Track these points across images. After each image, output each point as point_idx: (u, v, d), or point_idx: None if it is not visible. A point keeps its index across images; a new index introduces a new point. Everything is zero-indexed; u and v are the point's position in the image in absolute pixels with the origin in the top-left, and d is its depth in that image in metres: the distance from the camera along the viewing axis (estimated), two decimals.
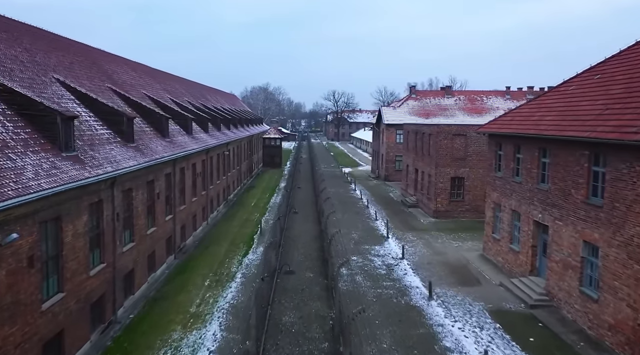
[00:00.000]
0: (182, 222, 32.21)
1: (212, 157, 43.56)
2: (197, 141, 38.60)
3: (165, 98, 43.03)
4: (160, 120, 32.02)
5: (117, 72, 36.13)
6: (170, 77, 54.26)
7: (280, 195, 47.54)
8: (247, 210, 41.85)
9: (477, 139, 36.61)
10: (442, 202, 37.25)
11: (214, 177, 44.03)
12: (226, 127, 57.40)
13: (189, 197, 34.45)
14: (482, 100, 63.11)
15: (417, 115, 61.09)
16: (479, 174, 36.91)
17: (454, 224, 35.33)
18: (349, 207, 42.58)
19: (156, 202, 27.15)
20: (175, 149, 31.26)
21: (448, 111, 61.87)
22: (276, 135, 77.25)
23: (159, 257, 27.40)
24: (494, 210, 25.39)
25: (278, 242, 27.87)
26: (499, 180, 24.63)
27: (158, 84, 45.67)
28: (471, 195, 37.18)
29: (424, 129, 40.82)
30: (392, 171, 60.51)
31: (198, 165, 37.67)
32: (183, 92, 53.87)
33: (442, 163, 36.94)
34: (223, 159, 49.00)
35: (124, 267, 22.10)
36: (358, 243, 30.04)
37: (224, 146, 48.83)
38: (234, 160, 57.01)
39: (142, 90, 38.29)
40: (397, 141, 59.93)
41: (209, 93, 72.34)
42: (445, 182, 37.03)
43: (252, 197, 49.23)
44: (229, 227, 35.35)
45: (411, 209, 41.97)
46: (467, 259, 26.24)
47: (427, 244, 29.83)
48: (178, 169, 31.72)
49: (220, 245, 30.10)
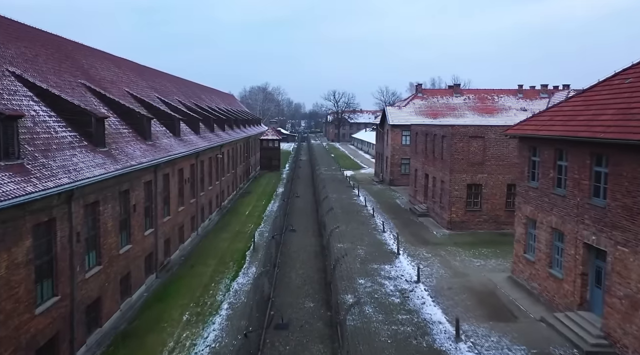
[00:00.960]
0: (165, 236, 28.50)
1: (203, 161, 39.84)
2: (185, 144, 34.90)
3: (151, 96, 39.33)
4: (141, 120, 28.29)
5: (95, 67, 32.41)
6: (160, 75, 50.50)
7: (278, 202, 43.86)
8: (241, 220, 38.06)
9: (496, 142, 32.86)
10: (457, 212, 33.48)
11: (206, 182, 40.33)
12: (220, 128, 53.74)
13: (175, 207, 30.75)
14: (493, 99, 59.37)
15: (424, 115, 57.35)
16: (498, 181, 33.16)
17: (471, 237, 31.56)
18: (352, 216, 38.83)
19: (132, 215, 23.42)
20: (157, 153, 27.55)
21: (457, 111, 58.13)
22: (274, 137, 73.46)
23: (136, 279, 23.68)
24: (526, 226, 21.64)
25: (273, 261, 24.18)
26: (533, 192, 20.90)
27: (145, 82, 41.95)
28: (489, 205, 33.41)
29: (435, 130, 37.09)
30: (397, 175, 56.74)
31: (186, 171, 33.96)
32: (174, 91, 50.16)
33: (458, 168, 33.19)
34: (216, 162, 45.27)
35: (87, 297, 18.37)
36: (365, 261, 26.27)
37: (217, 149, 45.10)
38: (229, 164, 53.32)
39: (125, 87, 34.57)
40: (403, 143, 56.19)
41: (203, 92, 68.60)
42: (461, 189, 33.28)
43: (247, 205, 45.45)
44: (220, 241, 31.56)
45: (421, 218, 38.19)
46: (494, 282, 22.47)
47: (444, 262, 26.06)
48: (161, 176, 28.01)
49: (207, 264, 26.29)
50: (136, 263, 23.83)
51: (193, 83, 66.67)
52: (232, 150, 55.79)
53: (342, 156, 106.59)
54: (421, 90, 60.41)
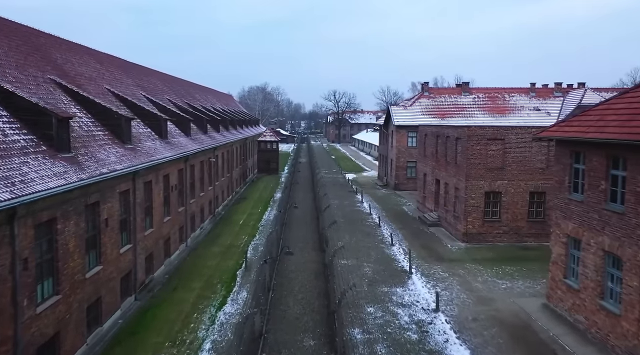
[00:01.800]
0: (147, 251, 25.21)
1: (194, 165, 36.56)
2: (172, 147, 31.61)
3: (137, 95, 36.05)
4: (119, 121, 24.99)
5: (71, 62, 29.10)
6: (150, 73, 47.16)
7: (275, 210, 40.57)
8: (234, 231, 34.66)
9: (517, 145, 29.52)
10: (473, 223, 30.12)
11: (197, 188, 37.05)
12: (215, 129, 50.51)
13: (159, 218, 27.47)
14: (504, 98, 56.02)
15: (432, 115, 54.02)
16: (519, 188, 29.79)
17: (491, 252, 28.19)
18: (356, 226, 35.46)
19: (103, 231, 20.11)
20: (137, 158, 24.25)
21: (466, 110, 54.80)
22: (272, 138, 70.04)
23: (109, 305, 20.38)
24: (566, 246, 18.29)
25: (267, 284, 20.84)
26: (576, 206, 17.57)
27: (131, 79, 38.64)
28: (510, 215, 30.03)
29: (448, 132, 33.73)
30: (403, 179, 53.37)
31: (173, 177, 30.66)
32: (164, 90, 46.85)
33: (474, 174, 29.84)
34: (209, 166, 41.98)
35: (38, 336, 15.07)
36: (373, 282, 22.89)
37: (210, 152, 41.81)
38: (224, 167, 50.03)
39: (106, 85, 31.25)
40: (409, 145, 52.84)
41: (198, 91, 65.29)
42: (478, 197, 29.92)
43: (241, 212, 42.05)
44: (209, 257, 28.15)
45: (432, 228, 34.81)
46: (527, 312, 19.10)
47: (464, 283, 22.68)
48: (141, 184, 24.72)
49: (191, 287, 22.81)
50: (109, 286, 20.54)
51: (187, 82, 63.37)
52: (228, 153, 52.51)
53: (343, 158, 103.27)
54: (427, 89, 57.07)
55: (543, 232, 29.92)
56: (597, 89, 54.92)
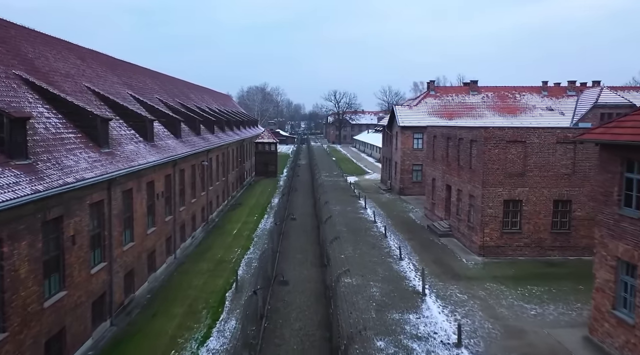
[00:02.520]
0: (126, 268, 22.34)
1: (184, 169, 33.69)
2: (159, 150, 28.75)
3: (122, 94, 33.17)
4: (94, 122, 22.09)
5: (45, 56, 26.18)
6: (140, 71, 44.20)
7: (272, 218, 37.57)
8: (226, 243, 31.65)
9: (540, 148, 26.59)
10: (491, 235, 27.17)
11: (187, 195, 34.20)
12: (209, 130, 47.68)
13: (142, 229, 24.62)
14: (515, 98, 53.07)
15: (438, 115, 51.10)
16: (542, 196, 26.84)
17: (512, 268, 25.21)
18: (361, 236, 32.49)
19: (68, 250, 17.22)
20: (114, 165, 21.36)
21: (475, 110, 51.86)
22: (270, 140, 67.04)
23: (76, 336, 17.50)
24: (615, 271, 15.38)
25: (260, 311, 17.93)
26: (630, 224, 14.68)
27: (117, 77, 35.74)
28: (531, 226, 27.07)
29: (461, 133, 30.77)
30: (408, 183, 50.41)
31: (159, 183, 27.80)
32: (155, 89, 43.96)
33: (492, 180, 26.90)
34: (202, 170, 39.13)
35: None
36: (382, 307, 19.90)
37: (203, 154, 38.97)
38: (219, 171, 47.19)
39: (86, 82, 28.34)
40: (414, 147, 49.89)
41: (193, 91, 62.40)
42: (496, 206, 26.97)
43: (235, 221, 39.06)
44: (196, 273, 25.15)
45: (443, 239, 31.83)
46: (568, 349, 16.09)
47: (487, 309, 19.71)
48: (119, 193, 21.82)
49: (172, 314, 19.64)
50: (76, 313, 17.66)
51: (182, 81, 60.47)
52: (223, 156, 49.65)
53: (344, 160, 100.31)
54: (434, 88, 54.13)
55: (568, 244, 26.99)
56: (613, 88, 52.01)
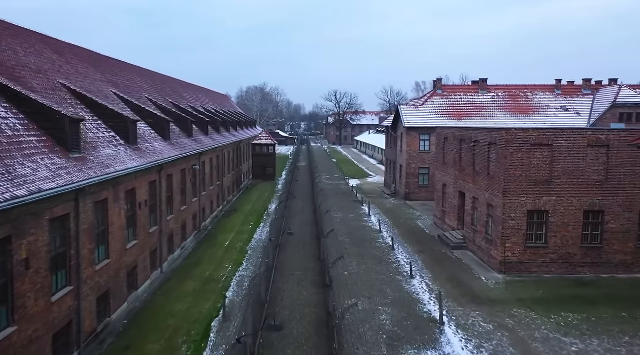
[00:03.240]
0: (100, 290, 19.48)
1: (172, 175, 30.85)
2: (143, 154, 25.91)
3: (105, 92, 30.31)
4: (62, 123, 19.22)
5: (14, 50, 23.32)
6: (127, 68, 41.30)
7: (268, 227, 34.65)
8: (217, 257, 28.59)
9: (569, 152, 23.66)
10: (513, 249, 24.23)
11: (176, 202, 31.37)
12: (203, 131, 44.87)
13: (119, 245, 21.76)
14: (527, 97, 50.12)
15: (446, 115, 48.14)
16: (571, 206, 23.88)
17: (539, 288, 22.10)
18: (365, 249, 29.49)
19: (19, 276, 14.37)
20: (84, 172, 18.49)
21: (485, 110, 48.87)
22: (268, 141, 64.04)
23: None
24: None
25: (251, 350, 14.97)
26: None
27: (100, 74, 32.85)
28: (559, 239, 24.11)
29: (477, 135, 27.80)
30: (414, 188, 47.44)
31: (141, 192, 24.97)
32: (144, 87, 41.11)
33: (514, 189, 23.95)
34: (193, 175, 36.27)
35: None
36: (394, 340, 16.83)
37: (194, 158, 36.10)
38: (213, 175, 44.34)
39: (62, 79, 25.47)
40: (421, 149, 46.92)
41: (188, 91, 59.56)
42: (519, 218, 24.00)
43: (229, 230, 36.04)
44: (180, 295, 22.00)
45: (457, 252, 28.83)
46: None
47: (518, 343, 16.58)
48: (90, 205, 18.95)
49: (145, 352, 16.74)
50: (30, 351, 14.81)
51: (175, 80, 57.60)
52: (218, 158, 46.80)
53: (345, 161, 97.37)
54: (441, 86, 51.13)
55: (600, 261, 24.04)
56: (633, 86, 49.10)
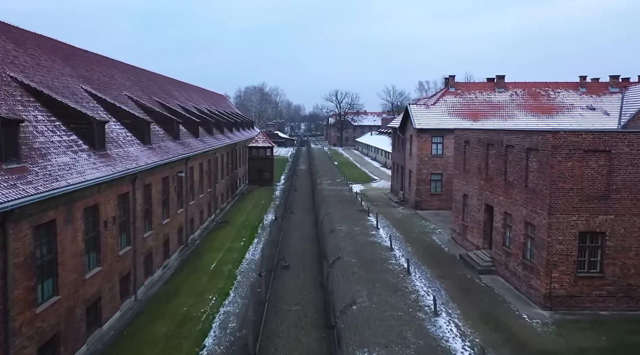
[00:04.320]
0: (40, 339, 15.16)
1: (151, 184, 26.55)
2: (111, 162, 21.54)
3: (72, 88, 25.96)
4: None
5: None
6: (107, 63, 36.80)
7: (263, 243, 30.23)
8: (200, 285, 23.70)
9: (632, 160, 19.28)
10: (561, 280, 19.72)
11: (157, 216, 27.13)
12: (192, 133, 40.53)
13: (74, 276, 17.48)
14: (549, 95, 45.69)
15: (461, 116, 43.69)
16: (634, 227, 19.46)
17: (601, 332, 17.38)
18: (376, 273, 24.91)
19: None
20: (14, 190, 14.12)
21: (503, 110, 44.42)
22: (266, 144, 59.55)
23: None
24: None
25: None
26: None
27: (70, 68, 28.42)
28: (618, 267, 19.57)
29: (511, 139, 23.26)
30: (426, 195, 42.97)
31: (107, 207, 20.64)
32: (125, 84, 36.69)
33: (563, 205, 19.46)
34: (178, 183, 31.93)
35: None
36: None
37: (180, 163, 31.80)
38: (203, 181, 39.98)
39: (14, 72, 21.08)
40: (433, 153, 42.49)
41: (179, 89, 55.09)
42: (568, 241, 19.54)
43: (217, 246, 31.33)
44: (146, 343, 17.39)
45: (485, 277, 24.29)
46: None
47: None
48: (26, 231, 14.60)
49: None
50: None
51: (165, 77, 53.12)
52: (209, 163, 42.44)
53: (347, 164, 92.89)
54: (453, 84, 46.64)
55: None
56: None
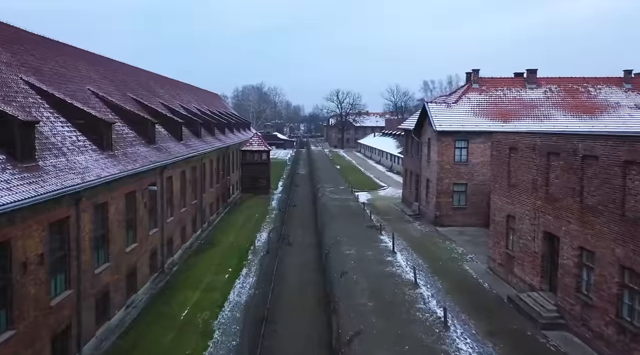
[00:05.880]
0: None
1: (107, 203, 20.39)
2: (37, 178, 15.30)
3: (5, 79, 19.86)
4: None
5: None
6: (70, 53, 30.48)
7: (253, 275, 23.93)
8: (160, 347, 17.58)
9: None
10: None
11: (117, 243, 21.04)
12: (175, 136, 34.47)
13: None
14: (589, 92, 39.49)
15: (488, 116, 37.44)
16: None
17: None
18: (402, 325, 18.20)
19: None
20: None
21: (538, 109, 38.16)
22: (261, 147, 53.17)
23: None
24: None
25: None
26: None
27: (9, 54, 22.32)
28: None
29: (595, 148, 16.86)
30: (447, 209, 36.65)
31: (29, 244, 14.42)
32: (91, 78, 30.52)
33: None
34: (150, 199, 25.80)
35: None
36: None
37: (150, 175, 25.71)
38: (186, 193, 33.87)
39: None
40: (456, 160, 36.24)
41: (165, 86, 48.70)
42: None
43: (195, 281, 24.54)
44: None
45: (552, 334, 17.79)
46: None
47: None
48: None
49: None
50: None
51: (149, 73, 46.74)
52: (195, 171, 36.29)
53: (350, 168, 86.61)
54: (477, 80, 40.35)
55: None
56: None
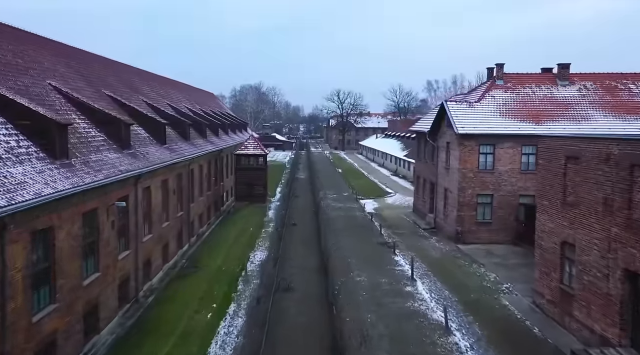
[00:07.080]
0: None
1: (52, 228, 15.46)
2: None
3: None
4: None
5: None
6: (28, 40, 25.68)
7: (243, 312, 19.26)
8: None
9: None
10: None
11: (70, 275, 16.12)
12: (157, 139, 29.69)
13: None
14: (629, 90, 34.71)
15: (517, 117, 32.66)
16: None
17: None
18: None
19: None
20: None
21: (573, 109, 33.40)
22: (257, 151, 48.23)
23: None
24: None
25: None
26: None
27: None
28: None
29: None
30: (470, 224, 31.80)
31: None
32: (57, 71, 26.08)
33: None
34: (121, 216, 21.01)
35: None
36: None
37: (125, 184, 20.93)
38: (169, 204, 29.13)
39: None
40: (481, 167, 31.52)
41: (152, 83, 43.82)
42: None
43: (171, 322, 19.55)
44: None
45: None
46: None
47: None
48: None
49: None
50: None
51: (134, 68, 41.79)
52: (180, 178, 31.55)
53: (353, 172, 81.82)
54: (502, 76, 35.63)
55: None
56: None
